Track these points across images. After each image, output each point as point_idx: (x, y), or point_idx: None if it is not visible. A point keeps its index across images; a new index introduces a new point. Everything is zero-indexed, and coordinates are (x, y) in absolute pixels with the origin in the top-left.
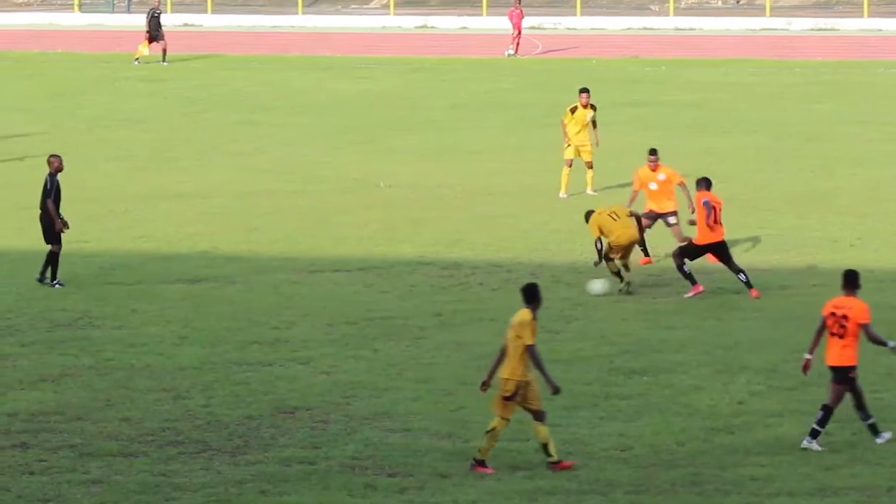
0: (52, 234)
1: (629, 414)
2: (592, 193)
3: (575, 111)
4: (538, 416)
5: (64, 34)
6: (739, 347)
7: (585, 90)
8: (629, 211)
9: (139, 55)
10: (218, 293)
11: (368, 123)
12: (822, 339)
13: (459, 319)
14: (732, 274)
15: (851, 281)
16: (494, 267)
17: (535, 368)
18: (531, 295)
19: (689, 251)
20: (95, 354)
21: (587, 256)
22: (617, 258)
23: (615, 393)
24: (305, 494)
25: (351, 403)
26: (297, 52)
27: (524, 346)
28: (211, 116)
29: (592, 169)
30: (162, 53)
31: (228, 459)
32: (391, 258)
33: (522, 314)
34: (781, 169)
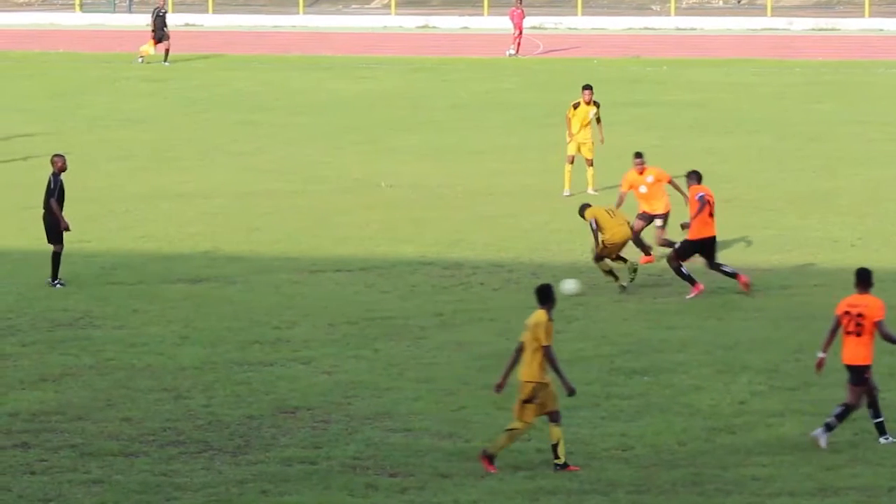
0: (54, 234)
1: (630, 414)
2: (593, 193)
3: (578, 107)
4: (554, 416)
5: (65, 34)
6: (740, 347)
7: (588, 87)
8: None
9: (144, 54)
10: (219, 293)
11: (369, 123)
12: (835, 338)
13: (460, 319)
14: (719, 271)
15: (864, 279)
16: (495, 267)
17: (550, 370)
18: (545, 296)
19: (682, 251)
20: (96, 354)
21: (588, 256)
22: (608, 256)
23: (616, 393)
24: (306, 494)
25: (352, 403)
26: (298, 52)
27: (540, 347)
28: (212, 116)
29: (593, 167)
30: (164, 53)
31: (229, 459)
32: (392, 258)
33: (538, 315)
34: (783, 169)
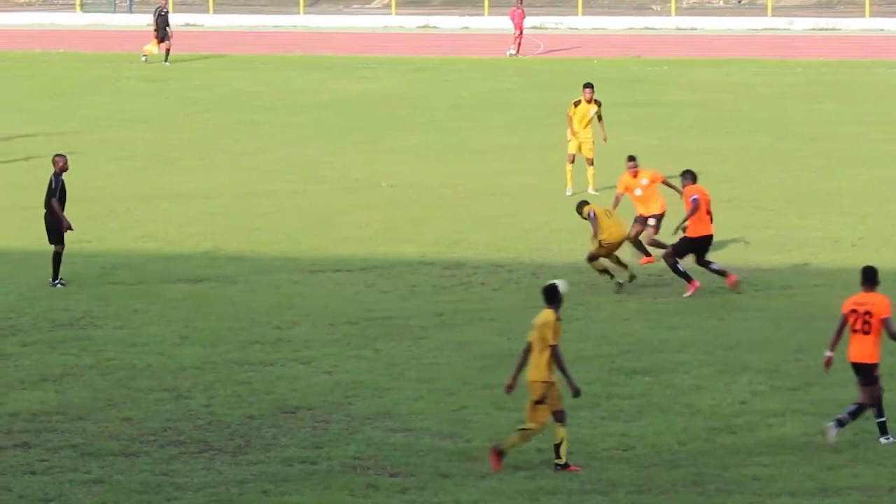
0: (56, 234)
1: (631, 414)
2: (594, 193)
3: (578, 104)
4: (559, 416)
5: (65, 34)
6: (741, 347)
7: (589, 85)
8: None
9: (148, 53)
10: (219, 293)
11: (370, 123)
12: (841, 336)
13: (461, 319)
14: (706, 270)
15: (870, 277)
16: (496, 267)
17: (557, 369)
18: (553, 295)
19: (680, 248)
20: (97, 354)
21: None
22: (603, 257)
23: (617, 393)
24: (307, 494)
25: (352, 403)
26: (298, 51)
27: (548, 346)
28: (212, 116)
29: (593, 166)
30: (165, 53)
31: (230, 459)
32: (393, 258)
33: (546, 315)
34: (784, 169)
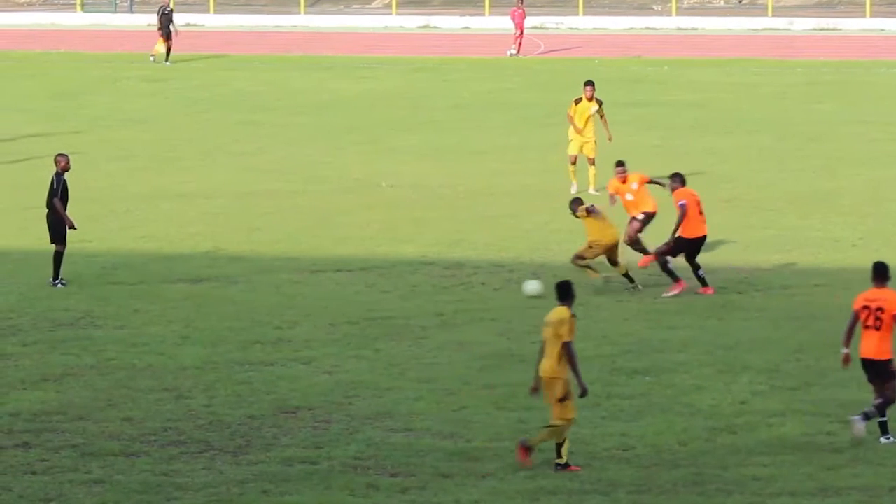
0: (57, 233)
1: (631, 414)
2: (595, 192)
3: (579, 102)
4: None
5: (66, 34)
6: (741, 347)
7: (590, 83)
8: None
9: (155, 53)
10: (220, 293)
11: (370, 123)
12: (853, 333)
13: (461, 319)
14: (692, 271)
15: (882, 272)
16: (496, 267)
17: (568, 366)
18: (566, 292)
19: (673, 248)
20: (97, 354)
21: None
22: (590, 258)
23: (617, 393)
24: (307, 494)
25: (353, 403)
26: (299, 51)
27: (562, 342)
28: (213, 116)
29: (595, 166)
30: (165, 53)
31: (230, 459)
32: (393, 258)
33: (560, 311)
34: (784, 169)
